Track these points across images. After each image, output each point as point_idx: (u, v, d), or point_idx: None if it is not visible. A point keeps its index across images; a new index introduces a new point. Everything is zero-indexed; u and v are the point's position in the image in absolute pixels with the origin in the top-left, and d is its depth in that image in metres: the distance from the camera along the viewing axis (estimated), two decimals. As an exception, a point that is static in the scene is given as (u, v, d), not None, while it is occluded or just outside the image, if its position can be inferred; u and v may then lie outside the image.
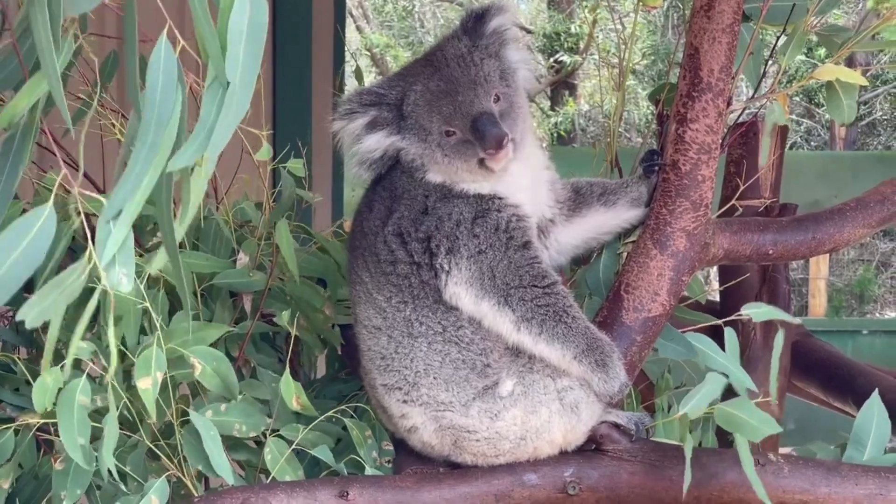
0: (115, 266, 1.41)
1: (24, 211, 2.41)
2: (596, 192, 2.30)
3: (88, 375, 2.06)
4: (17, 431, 2.21)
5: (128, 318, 2.21)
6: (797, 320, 2.35)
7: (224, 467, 2.08)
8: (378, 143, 2.15)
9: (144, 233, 2.53)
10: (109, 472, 1.99)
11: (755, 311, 2.24)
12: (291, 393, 2.20)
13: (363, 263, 2.17)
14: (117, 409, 2.03)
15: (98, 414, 2.09)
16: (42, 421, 2.10)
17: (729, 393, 2.11)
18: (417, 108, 2.12)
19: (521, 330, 2.08)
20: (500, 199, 2.13)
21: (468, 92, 2.09)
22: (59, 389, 2.02)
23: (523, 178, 2.18)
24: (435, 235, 2.09)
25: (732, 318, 2.24)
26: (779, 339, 2.17)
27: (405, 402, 2.13)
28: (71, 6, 1.38)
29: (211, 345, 2.22)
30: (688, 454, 1.98)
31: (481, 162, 2.09)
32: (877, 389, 2.23)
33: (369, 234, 2.16)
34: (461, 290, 2.08)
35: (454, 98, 2.09)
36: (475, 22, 2.16)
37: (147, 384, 2.04)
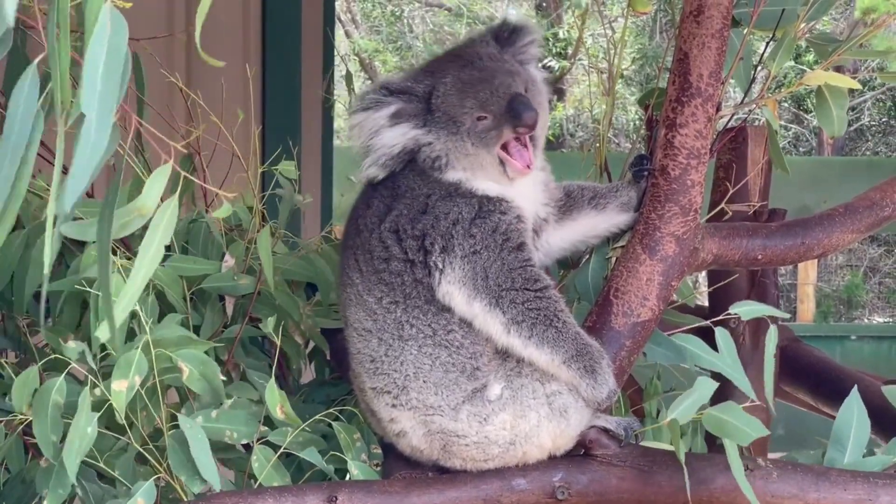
0: None
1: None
2: (587, 195, 2.30)
3: (75, 379, 2.06)
4: (5, 435, 2.20)
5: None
6: (786, 314, 2.36)
7: (211, 472, 2.07)
8: (401, 136, 2.13)
9: (133, 237, 2.53)
10: (99, 476, 1.98)
11: (744, 310, 2.25)
12: (276, 402, 2.18)
13: (355, 263, 2.16)
14: (101, 411, 2.03)
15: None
16: (28, 418, 2.09)
17: (717, 398, 2.11)
18: (448, 98, 2.12)
19: (510, 332, 2.07)
20: (506, 202, 2.13)
21: (505, 77, 2.12)
22: (35, 389, 2.02)
23: (529, 182, 2.20)
24: (430, 233, 2.08)
25: (721, 317, 2.24)
26: (771, 335, 2.17)
27: (394, 406, 2.13)
28: None
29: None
30: (681, 457, 1.98)
31: (504, 150, 2.12)
32: (856, 386, 2.24)
33: (364, 230, 2.15)
34: (454, 290, 2.08)
35: (491, 83, 2.11)
36: (509, 33, 2.22)
37: (122, 386, 2.04)
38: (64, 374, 2.06)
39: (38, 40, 1.33)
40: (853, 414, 2.18)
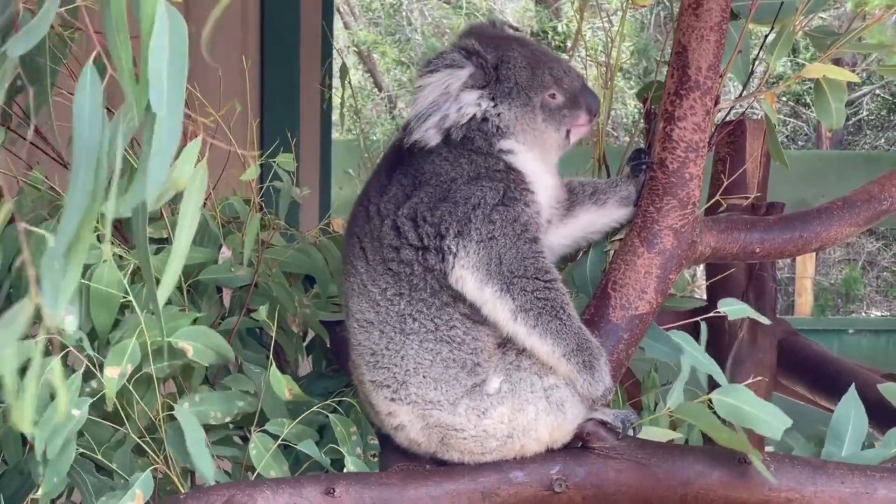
0: (59, 304, 1.34)
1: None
2: (587, 191, 2.30)
3: (72, 369, 2.06)
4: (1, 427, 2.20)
5: (107, 310, 2.20)
6: (766, 320, 2.35)
7: (207, 465, 2.07)
8: (473, 104, 2.13)
9: (129, 227, 2.52)
10: (97, 468, 1.97)
11: (730, 308, 2.25)
12: (283, 386, 2.19)
13: (360, 252, 2.15)
14: (93, 398, 2.03)
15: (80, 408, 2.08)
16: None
17: (714, 384, 2.11)
18: (521, 70, 2.15)
19: (517, 320, 2.07)
20: (532, 193, 2.14)
21: (569, 63, 2.20)
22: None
23: (551, 184, 2.22)
24: (447, 218, 2.07)
25: (711, 315, 2.24)
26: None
27: (393, 400, 2.13)
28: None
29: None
30: (719, 434, 1.97)
31: (567, 133, 2.18)
32: (853, 384, 2.24)
33: (375, 217, 2.14)
34: (467, 274, 2.07)
35: (561, 63, 2.18)
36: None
37: (114, 373, 2.04)
38: (59, 356, 2.05)
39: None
40: (851, 411, 2.19)
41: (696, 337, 2.22)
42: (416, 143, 2.10)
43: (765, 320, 2.34)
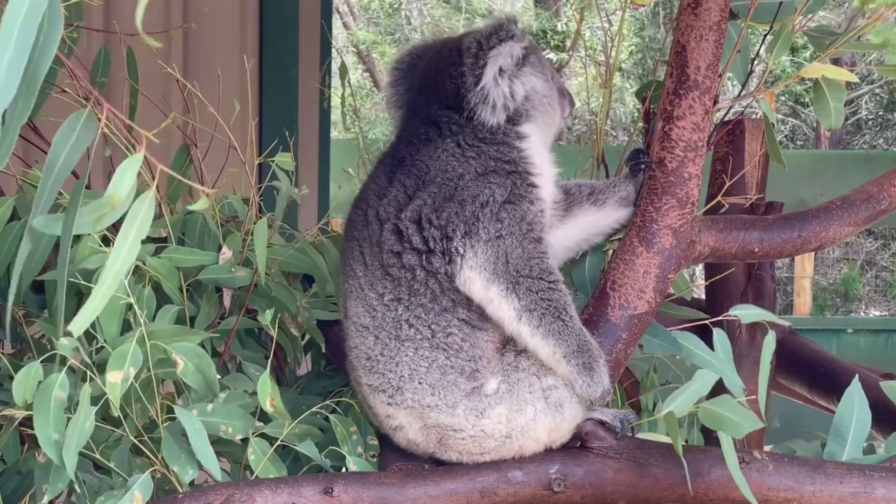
0: None
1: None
2: (585, 192, 2.30)
3: (70, 369, 2.05)
4: (1, 426, 2.20)
5: (111, 313, 2.19)
6: (786, 323, 2.36)
7: (211, 461, 2.07)
8: (526, 81, 2.19)
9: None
10: (96, 466, 1.97)
11: (744, 313, 2.25)
12: (267, 394, 2.17)
13: (359, 255, 2.14)
14: (98, 404, 2.03)
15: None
16: (25, 413, 2.08)
17: (713, 391, 2.11)
18: (534, 52, 2.23)
19: (522, 319, 2.06)
20: (537, 188, 2.14)
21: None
22: (39, 383, 2.01)
23: (553, 178, 2.23)
24: (453, 220, 2.06)
25: (720, 318, 2.24)
26: (769, 341, 2.17)
27: (390, 404, 2.12)
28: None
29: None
30: (678, 449, 1.98)
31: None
32: (857, 376, 2.24)
33: (374, 221, 2.12)
34: (475, 275, 2.06)
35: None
36: None
37: (117, 378, 2.03)
38: (65, 370, 2.05)
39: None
40: (854, 407, 2.18)
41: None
42: (483, 122, 2.14)
43: (783, 322, 2.35)
